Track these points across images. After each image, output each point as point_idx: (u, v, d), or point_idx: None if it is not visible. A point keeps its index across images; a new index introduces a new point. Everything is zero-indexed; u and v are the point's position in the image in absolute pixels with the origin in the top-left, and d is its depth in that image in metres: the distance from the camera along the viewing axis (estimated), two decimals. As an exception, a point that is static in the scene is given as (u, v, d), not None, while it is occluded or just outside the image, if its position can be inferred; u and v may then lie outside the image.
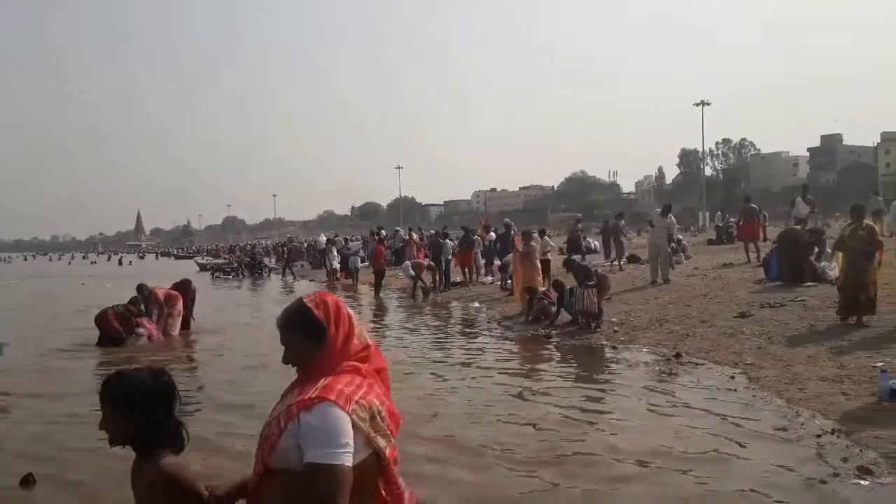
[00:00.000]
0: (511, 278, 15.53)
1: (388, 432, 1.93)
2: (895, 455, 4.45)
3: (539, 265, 13.27)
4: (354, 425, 1.82)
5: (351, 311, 2.04)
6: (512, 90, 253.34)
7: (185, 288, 12.51)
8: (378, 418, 1.90)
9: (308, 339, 1.97)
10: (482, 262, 19.58)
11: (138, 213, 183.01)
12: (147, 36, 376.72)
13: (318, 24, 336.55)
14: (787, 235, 12.77)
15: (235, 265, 33.85)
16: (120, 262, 57.55)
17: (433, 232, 25.42)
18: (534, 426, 5.79)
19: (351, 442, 1.81)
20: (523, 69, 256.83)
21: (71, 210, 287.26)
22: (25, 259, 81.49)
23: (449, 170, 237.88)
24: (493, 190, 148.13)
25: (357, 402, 1.86)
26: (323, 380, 1.90)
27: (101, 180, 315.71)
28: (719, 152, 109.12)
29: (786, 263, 11.98)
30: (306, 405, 1.83)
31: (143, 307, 11.41)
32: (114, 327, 10.77)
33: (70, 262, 65.77)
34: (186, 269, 36.86)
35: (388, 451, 1.93)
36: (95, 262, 64.98)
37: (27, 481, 4.79)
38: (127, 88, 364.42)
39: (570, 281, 11.32)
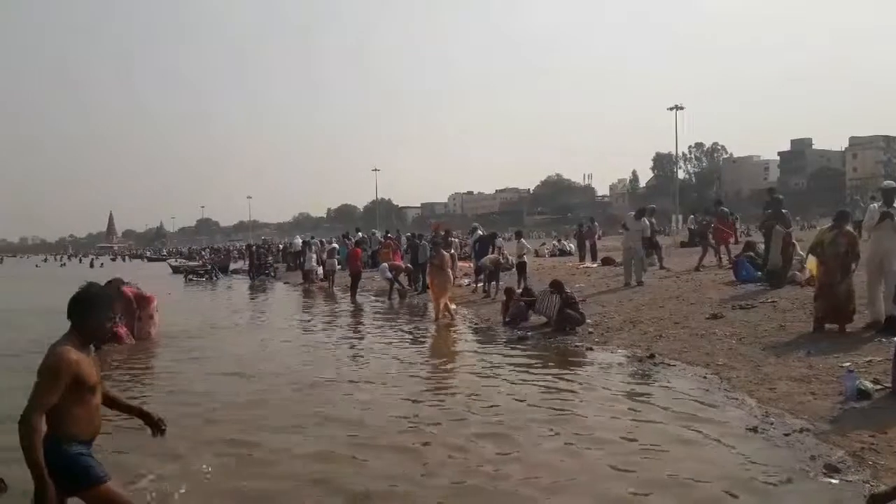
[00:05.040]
0: (485, 280, 15.68)
1: None
2: (861, 453, 4.55)
3: (451, 274, 13.49)
4: None
5: None
6: (488, 94, 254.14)
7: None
8: None
9: None
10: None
11: (110, 215, 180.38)
12: (122, 35, 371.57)
13: (293, 20, 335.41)
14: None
15: (209, 267, 33.45)
16: (91, 265, 56.50)
17: (409, 234, 25.42)
18: (503, 424, 5.91)
19: None
20: (498, 73, 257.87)
21: (40, 211, 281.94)
22: (1, 261, 79.74)
23: (426, 172, 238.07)
24: (470, 193, 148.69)
25: None
26: None
27: (72, 181, 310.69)
28: (692, 156, 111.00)
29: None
30: None
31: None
32: None
33: (38, 266, 64.24)
34: (159, 271, 36.45)
35: None
36: (65, 265, 63.68)
37: (-3, 487, 4.69)
38: (101, 90, 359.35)
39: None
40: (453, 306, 13.04)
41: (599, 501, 4.27)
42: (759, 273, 12.58)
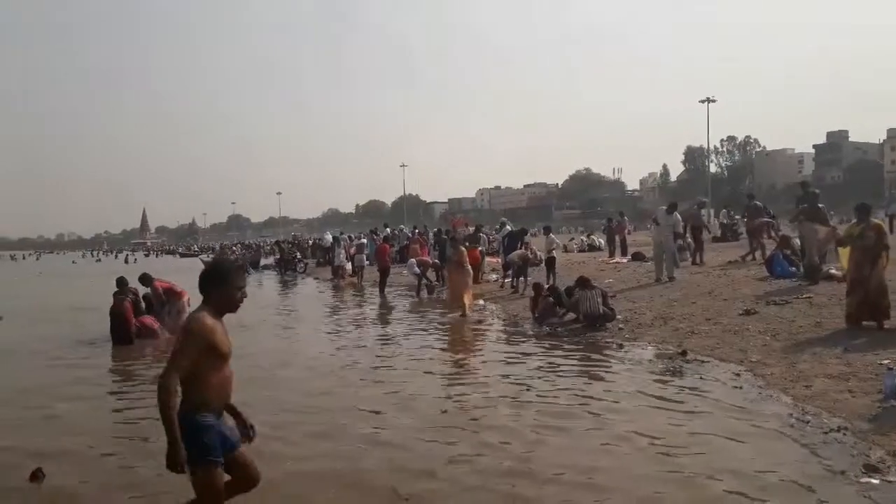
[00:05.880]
0: (513, 276, 15.62)
1: None
2: (902, 453, 4.44)
3: (470, 270, 13.62)
4: None
5: None
6: (516, 88, 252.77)
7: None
8: None
9: None
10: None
11: (143, 211, 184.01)
12: (156, 38, 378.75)
13: (323, 15, 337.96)
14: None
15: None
16: (126, 261, 57.58)
17: (436, 230, 25.42)
18: (543, 412, 5.99)
19: None
20: (527, 66, 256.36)
21: (76, 208, 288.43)
22: (38, 258, 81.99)
23: (453, 167, 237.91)
24: (498, 188, 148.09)
25: None
26: None
27: (107, 178, 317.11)
28: (724, 150, 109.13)
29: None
30: None
31: (142, 299, 11.41)
32: (128, 319, 10.66)
33: (74, 262, 65.65)
34: (191, 266, 36.93)
35: None
36: (101, 261, 65.00)
37: (36, 476, 4.81)
38: (134, 86, 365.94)
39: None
40: (480, 302, 13.00)
41: (647, 484, 4.34)
42: (794, 269, 12.36)
